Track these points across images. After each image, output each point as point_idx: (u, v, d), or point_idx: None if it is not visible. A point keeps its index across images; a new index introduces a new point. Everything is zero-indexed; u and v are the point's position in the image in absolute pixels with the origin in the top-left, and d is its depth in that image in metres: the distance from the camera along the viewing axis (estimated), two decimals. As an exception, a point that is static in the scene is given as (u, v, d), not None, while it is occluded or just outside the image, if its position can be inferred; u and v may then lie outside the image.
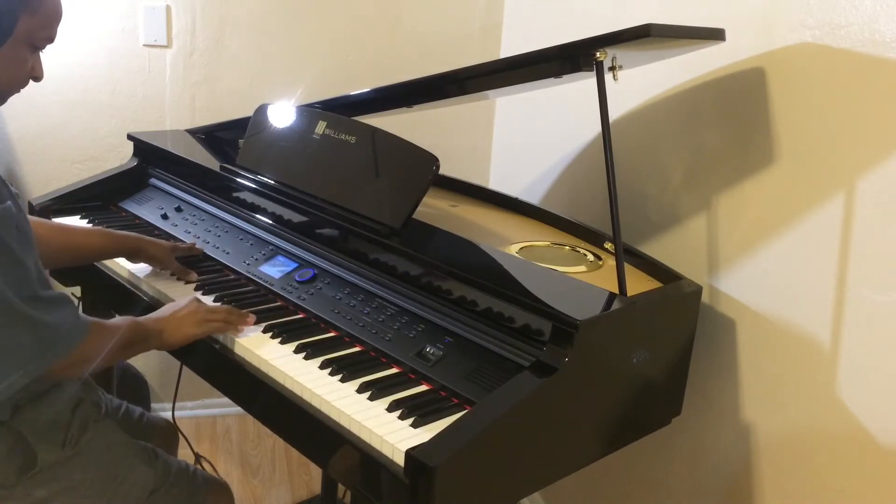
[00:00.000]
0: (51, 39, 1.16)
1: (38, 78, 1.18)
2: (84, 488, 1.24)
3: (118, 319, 1.26)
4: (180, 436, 1.71)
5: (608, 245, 1.57)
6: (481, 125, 2.51)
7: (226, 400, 1.59)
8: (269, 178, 1.63)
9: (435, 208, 1.74)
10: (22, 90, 1.18)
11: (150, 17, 2.18)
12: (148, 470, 1.31)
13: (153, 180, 1.93)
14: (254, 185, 1.65)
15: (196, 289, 1.49)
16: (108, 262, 1.61)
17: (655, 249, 1.64)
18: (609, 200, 1.28)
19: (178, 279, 1.53)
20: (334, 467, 1.17)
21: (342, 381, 1.20)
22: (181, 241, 1.65)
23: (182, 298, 1.37)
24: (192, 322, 1.30)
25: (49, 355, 1.09)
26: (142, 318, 1.30)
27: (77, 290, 1.75)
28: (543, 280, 1.34)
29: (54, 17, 1.16)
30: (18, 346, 1.07)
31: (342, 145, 1.53)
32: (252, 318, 1.34)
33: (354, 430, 1.10)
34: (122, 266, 1.59)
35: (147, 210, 1.84)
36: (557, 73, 1.41)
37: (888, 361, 1.17)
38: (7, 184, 1.13)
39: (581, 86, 1.50)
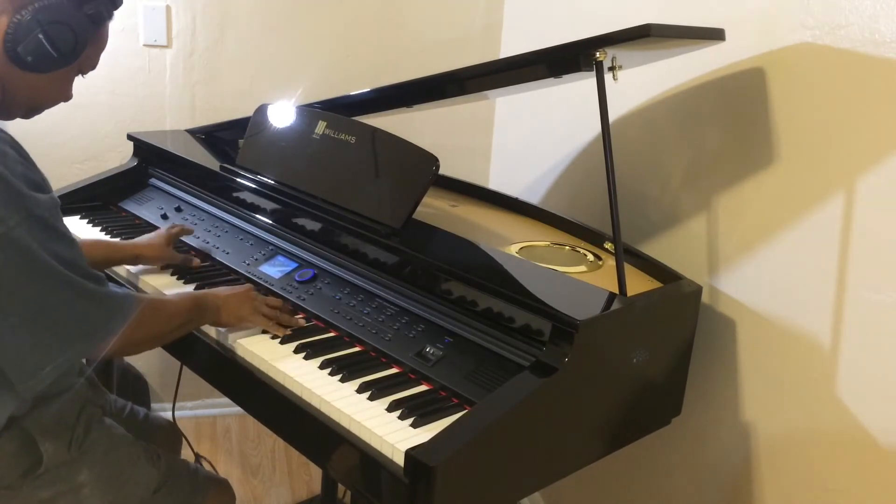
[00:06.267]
0: (94, 67, 1.25)
1: (69, 98, 1.25)
2: (89, 488, 1.24)
3: (178, 297, 1.31)
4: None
5: (608, 245, 1.57)
6: (481, 125, 2.51)
7: (226, 400, 1.59)
8: (269, 178, 1.63)
9: (435, 208, 1.74)
10: None
11: (150, 17, 2.19)
12: (151, 469, 1.32)
13: (153, 180, 1.93)
14: (254, 185, 1.65)
15: (196, 288, 1.49)
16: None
17: (655, 249, 1.64)
18: (609, 200, 1.28)
19: (184, 268, 1.56)
20: (334, 467, 1.17)
21: (342, 381, 1.21)
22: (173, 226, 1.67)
23: (237, 286, 1.40)
24: (249, 307, 1.33)
25: (108, 326, 1.14)
26: (200, 294, 1.34)
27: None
28: (543, 280, 1.34)
29: (104, 47, 1.25)
30: (81, 318, 1.11)
31: (342, 145, 1.53)
32: (301, 322, 1.37)
33: (354, 430, 1.10)
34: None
35: (147, 210, 1.84)
36: (557, 73, 1.41)
37: (888, 361, 1.17)
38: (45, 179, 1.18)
39: (581, 86, 1.50)
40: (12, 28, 1.09)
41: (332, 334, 1.35)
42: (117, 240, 1.64)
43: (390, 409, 1.13)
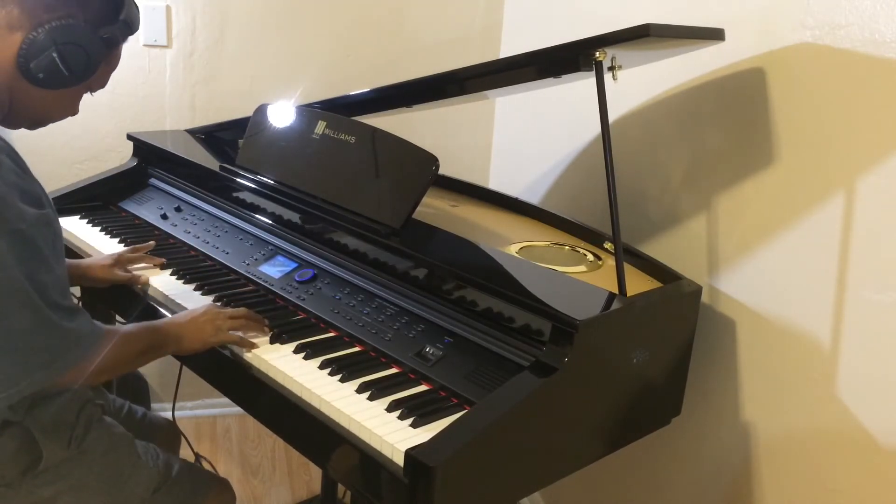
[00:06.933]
0: (103, 86, 1.25)
1: (75, 114, 1.25)
2: (88, 487, 1.24)
3: (135, 326, 1.26)
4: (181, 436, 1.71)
5: (608, 245, 1.56)
6: (481, 125, 2.51)
7: (226, 400, 1.59)
8: (268, 178, 1.63)
9: (435, 208, 1.74)
10: None
11: (150, 17, 2.18)
12: (151, 468, 1.32)
13: (153, 180, 1.93)
14: (253, 185, 1.65)
15: (196, 288, 1.49)
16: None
17: (655, 249, 1.64)
18: (609, 200, 1.28)
19: (182, 269, 1.55)
20: (334, 467, 1.17)
21: (342, 381, 1.20)
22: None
23: (200, 305, 1.35)
24: (210, 328, 1.29)
25: (67, 359, 1.12)
26: (160, 323, 1.30)
27: (76, 290, 1.75)
28: (543, 280, 1.34)
29: (115, 67, 1.25)
30: (40, 348, 1.10)
31: (342, 145, 1.53)
32: (266, 330, 1.33)
33: (354, 430, 1.10)
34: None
35: (147, 210, 1.84)
36: (557, 73, 1.41)
37: (888, 361, 1.17)
38: (47, 195, 1.18)
39: (581, 86, 1.50)
40: (27, 44, 1.11)
41: (331, 334, 1.35)
42: (69, 260, 1.60)
43: (390, 409, 1.13)
